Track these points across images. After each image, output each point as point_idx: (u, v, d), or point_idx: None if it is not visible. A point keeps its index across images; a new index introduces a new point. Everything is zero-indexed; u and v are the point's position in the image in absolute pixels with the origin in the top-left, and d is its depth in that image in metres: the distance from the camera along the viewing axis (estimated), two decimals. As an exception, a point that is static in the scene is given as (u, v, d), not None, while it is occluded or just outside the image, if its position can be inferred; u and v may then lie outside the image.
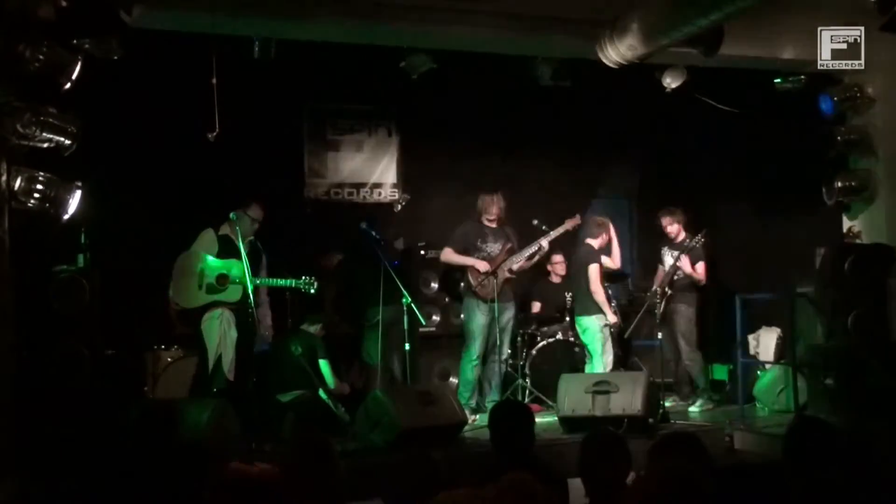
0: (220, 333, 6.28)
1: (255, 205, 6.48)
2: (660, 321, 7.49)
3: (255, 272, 6.36)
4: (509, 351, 7.69)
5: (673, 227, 7.70)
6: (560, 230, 7.38)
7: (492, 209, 7.35)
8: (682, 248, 7.52)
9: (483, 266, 7.18)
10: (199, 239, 6.42)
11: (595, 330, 7.54)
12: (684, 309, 7.58)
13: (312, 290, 6.47)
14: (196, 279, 6.30)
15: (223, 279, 6.31)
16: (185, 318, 6.59)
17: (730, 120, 8.03)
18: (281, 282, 6.34)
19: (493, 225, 7.39)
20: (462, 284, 7.41)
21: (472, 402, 7.15)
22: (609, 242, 7.75)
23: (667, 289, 7.44)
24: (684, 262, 7.44)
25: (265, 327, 6.70)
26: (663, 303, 7.39)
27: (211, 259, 6.34)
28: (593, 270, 7.57)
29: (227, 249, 6.39)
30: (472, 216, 7.49)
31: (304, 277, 6.44)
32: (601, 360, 7.47)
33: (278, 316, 7.11)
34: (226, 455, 5.24)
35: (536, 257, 7.52)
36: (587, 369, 7.50)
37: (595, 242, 7.64)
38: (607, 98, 8.27)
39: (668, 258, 7.68)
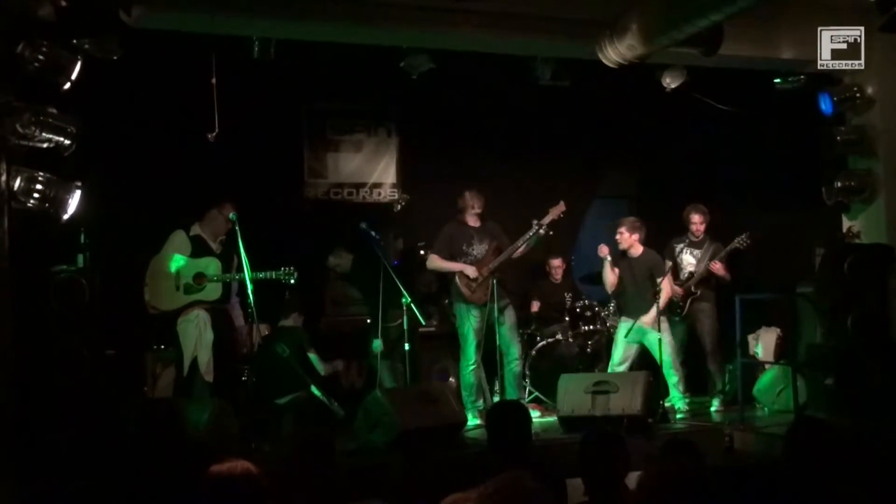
0: (195, 335, 6.23)
1: (227, 204, 6.45)
2: (680, 320, 7.52)
3: (228, 271, 6.37)
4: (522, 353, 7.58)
5: (703, 226, 7.67)
6: (547, 219, 7.11)
7: (476, 204, 7.12)
8: (713, 249, 7.57)
9: (472, 271, 6.98)
10: (169, 240, 6.38)
11: None
12: (709, 308, 7.60)
13: (292, 281, 6.42)
14: (172, 281, 6.24)
15: (200, 278, 6.28)
16: (163, 321, 6.52)
17: (729, 120, 8.03)
18: (260, 275, 6.26)
19: (477, 224, 7.18)
20: (451, 289, 7.23)
21: (480, 404, 7.08)
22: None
23: (693, 288, 7.53)
24: (718, 267, 7.49)
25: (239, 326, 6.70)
26: (688, 302, 7.48)
27: (185, 259, 6.30)
28: None
29: (200, 249, 6.37)
30: (454, 217, 7.25)
31: (283, 268, 6.36)
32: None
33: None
34: (226, 455, 5.26)
35: (527, 246, 7.17)
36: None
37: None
38: (607, 98, 8.27)
39: (688, 256, 7.67)
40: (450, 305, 7.59)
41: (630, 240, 7.33)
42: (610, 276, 7.45)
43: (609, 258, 7.41)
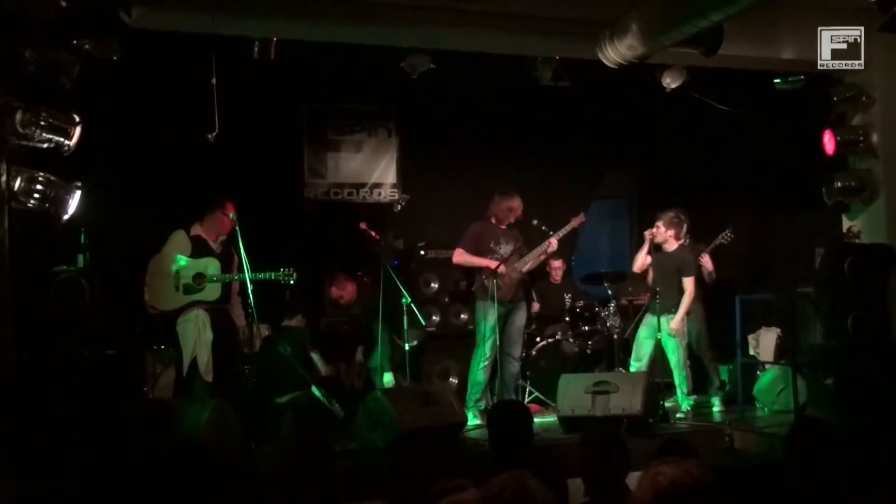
0: (194, 336, 6.22)
1: (228, 203, 6.43)
2: None
3: (228, 272, 6.36)
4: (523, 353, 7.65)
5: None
6: (567, 228, 7.29)
7: (517, 212, 7.23)
8: (697, 250, 7.57)
9: (495, 263, 7.03)
10: (170, 240, 6.36)
11: None
12: (699, 308, 7.59)
13: (292, 282, 6.40)
14: (171, 281, 6.22)
15: (200, 279, 6.27)
16: (162, 321, 6.50)
17: (730, 120, 8.03)
18: (260, 276, 6.24)
19: (504, 226, 7.28)
20: (474, 286, 7.29)
21: (482, 404, 7.10)
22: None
23: None
24: (706, 260, 7.46)
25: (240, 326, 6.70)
26: None
27: (185, 259, 6.29)
28: None
29: (200, 250, 6.35)
30: (484, 216, 7.32)
31: (282, 269, 6.33)
32: None
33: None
34: (225, 455, 5.26)
35: (543, 256, 7.44)
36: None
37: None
38: (607, 98, 8.27)
39: None
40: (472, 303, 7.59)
41: (665, 234, 7.31)
42: (640, 258, 7.45)
43: (650, 240, 7.39)
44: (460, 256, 7.27)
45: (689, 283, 7.17)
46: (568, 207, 7.72)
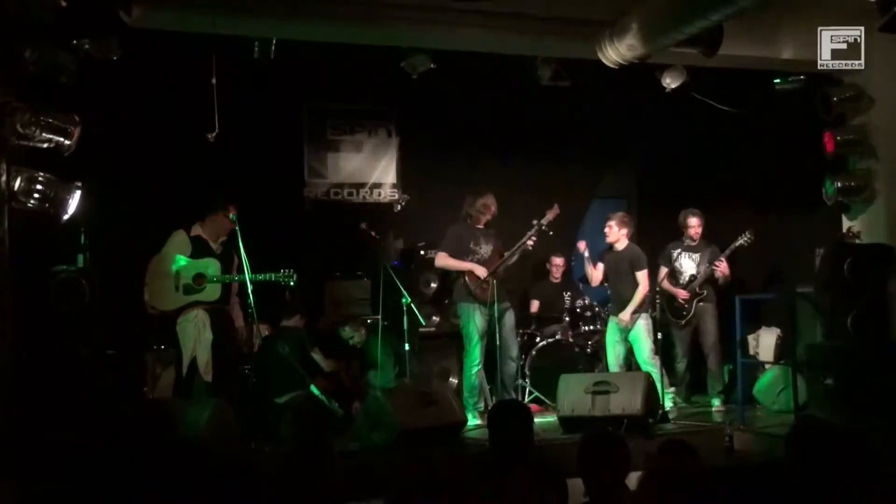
0: (193, 336, 6.21)
1: (229, 205, 6.42)
2: (686, 322, 7.56)
3: (228, 272, 6.35)
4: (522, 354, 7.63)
5: (700, 229, 7.72)
6: (543, 221, 7.21)
7: (492, 209, 7.23)
8: (710, 252, 7.62)
9: (482, 271, 7.04)
10: (170, 240, 6.35)
11: None
12: (712, 308, 7.67)
13: (292, 283, 6.40)
14: (172, 281, 6.22)
15: (200, 279, 6.27)
16: (162, 321, 6.49)
17: (729, 120, 8.03)
18: (260, 277, 6.24)
19: (482, 226, 7.26)
20: (455, 289, 7.26)
21: (480, 406, 7.11)
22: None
23: (699, 289, 7.60)
24: (723, 266, 7.52)
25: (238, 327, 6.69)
26: (694, 303, 7.54)
27: (185, 260, 6.28)
28: None
29: (200, 250, 6.35)
30: (462, 218, 7.31)
31: (282, 270, 6.33)
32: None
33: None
34: (225, 455, 5.26)
35: (527, 250, 7.31)
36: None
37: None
38: (607, 98, 8.27)
39: (687, 261, 7.68)
40: (451, 305, 7.59)
41: (618, 234, 7.45)
42: (590, 271, 7.71)
43: (587, 253, 7.56)
44: (442, 260, 7.25)
45: (641, 277, 7.29)
46: (567, 207, 7.71)
